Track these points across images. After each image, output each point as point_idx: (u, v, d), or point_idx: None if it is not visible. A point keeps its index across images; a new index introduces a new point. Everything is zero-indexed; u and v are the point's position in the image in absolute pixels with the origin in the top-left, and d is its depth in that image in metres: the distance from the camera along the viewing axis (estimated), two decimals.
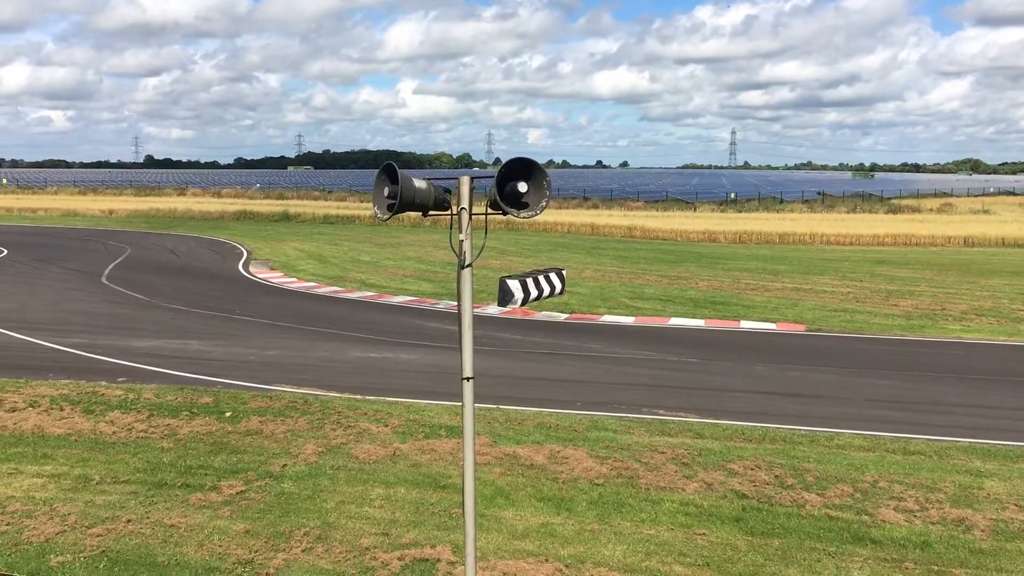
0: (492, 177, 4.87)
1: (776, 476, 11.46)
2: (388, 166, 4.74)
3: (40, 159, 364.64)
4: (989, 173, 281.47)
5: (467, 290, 5.02)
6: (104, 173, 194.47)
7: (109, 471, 11.51)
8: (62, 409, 14.20)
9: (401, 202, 4.66)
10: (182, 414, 14.00)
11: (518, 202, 4.76)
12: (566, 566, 8.87)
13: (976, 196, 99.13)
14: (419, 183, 4.82)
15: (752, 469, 11.70)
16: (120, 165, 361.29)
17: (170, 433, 13.11)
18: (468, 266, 4.97)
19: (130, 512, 10.18)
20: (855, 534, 9.75)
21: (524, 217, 4.76)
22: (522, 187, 4.73)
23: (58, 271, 34.16)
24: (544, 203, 4.75)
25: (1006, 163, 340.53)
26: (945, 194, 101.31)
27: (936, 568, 8.94)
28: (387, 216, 4.78)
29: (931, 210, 72.85)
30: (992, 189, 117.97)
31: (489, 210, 4.99)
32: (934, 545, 9.47)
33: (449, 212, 5.03)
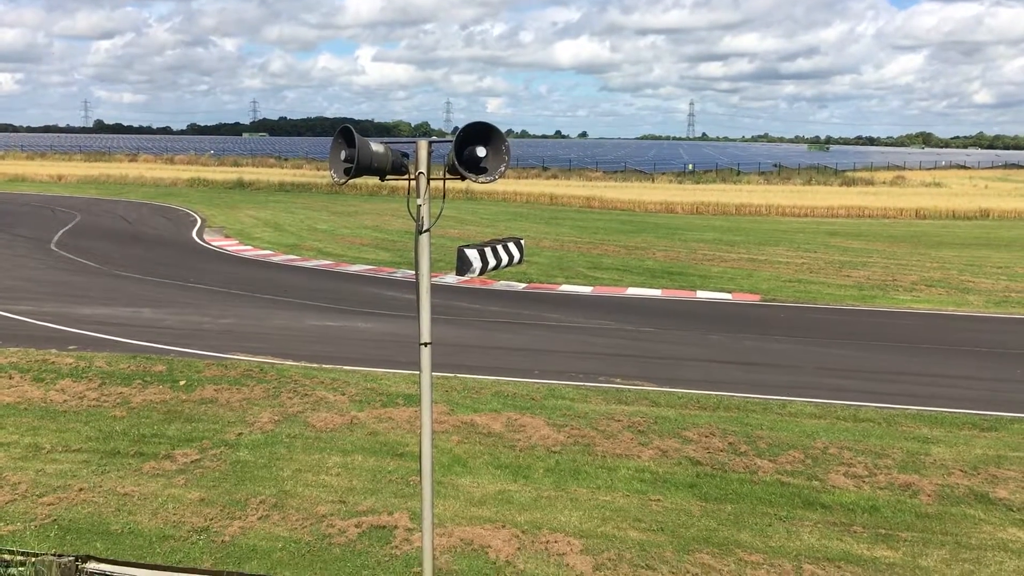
0: (451, 142, 4.82)
1: (730, 443, 11.63)
2: (345, 129, 4.67)
3: None
4: (941, 147, 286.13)
5: (425, 255, 4.99)
6: (52, 138, 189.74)
7: (60, 440, 11.34)
8: (11, 377, 13.93)
9: (358, 166, 4.60)
10: (135, 382, 13.81)
11: (477, 167, 4.72)
12: (523, 532, 8.94)
13: (928, 169, 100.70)
14: (376, 147, 4.75)
15: (706, 436, 11.86)
16: (69, 130, 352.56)
17: (123, 401, 12.93)
18: (426, 231, 4.93)
19: (82, 481, 10.04)
20: (806, 499, 9.94)
21: (483, 182, 4.73)
22: (481, 151, 4.69)
23: (5, 237, 33.37)
24: (503, 168, 4.72)
25: (958, 137, 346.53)
26: (898, 167, 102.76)
27: (883, 532, 9.16)
28: (343, 180, 4.71)
29: (884, 183, 73.90)
30: (944, 162, 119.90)
31: (447, 175, 4.94)
32: (882, 509, 9.69)
33: (407, 177, 4.98)
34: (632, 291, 24.50)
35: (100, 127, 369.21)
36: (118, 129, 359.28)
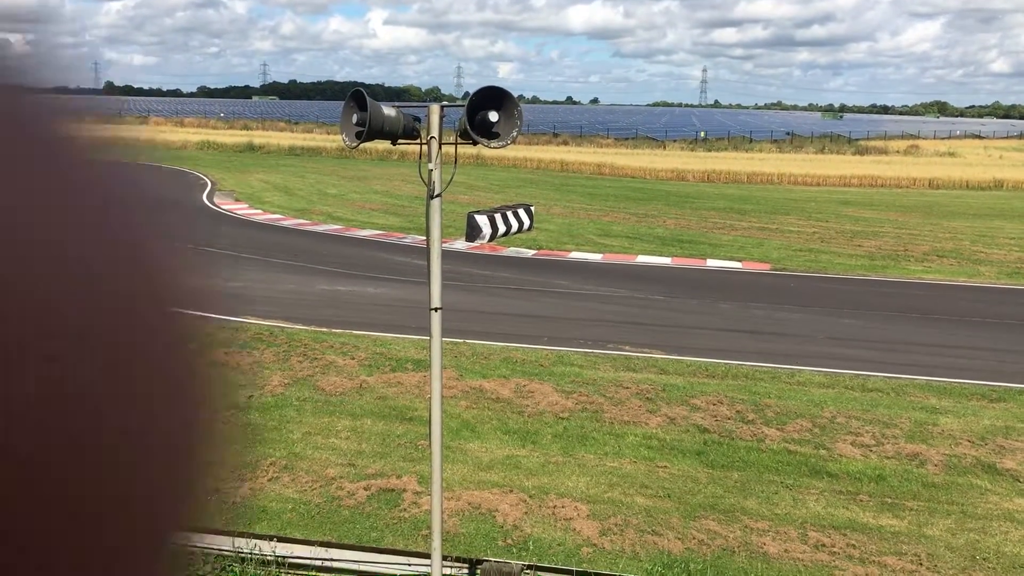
0: (462, 107, 4.79)
1: (737, 411, 11.66)
2: (357, 93, 4.64)
3: None
4: (956, 116, 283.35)
5: (436, 220, 4.98)
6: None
7: None
8: None
9: (370, 129, 4.58)
10: None
11: (489, 132, 4.70)
12: (530, 497, 9.01)
13: (942, 139, 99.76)
14: (388, 111, 4.73)
15: (714, 404, 11.89)
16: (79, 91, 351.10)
17: None
18: (437, 196, 4.92)
19: None
20: (812, 467, 9.98)
21: (495, 147, 4.70)
22: (493, 116, 4.66)
23: None
24: (515, 133, 4.69)
25: (973, 106, 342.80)
26: (912, 136, 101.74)
27: (889, 500, 9.20)
28: (355, 144, 4.70)
29: (898, 152, 73.29)
30: (958, 132, 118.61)
31: (459, 140, 4.92)
32: (888, 479, 9.73)
33: (418, 141, 4.96)
34: (642, 259, 24.46)
35: (110, 89, 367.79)
36: (128, 91, 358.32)
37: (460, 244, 25.96)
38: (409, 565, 7.10)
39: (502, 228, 27.19)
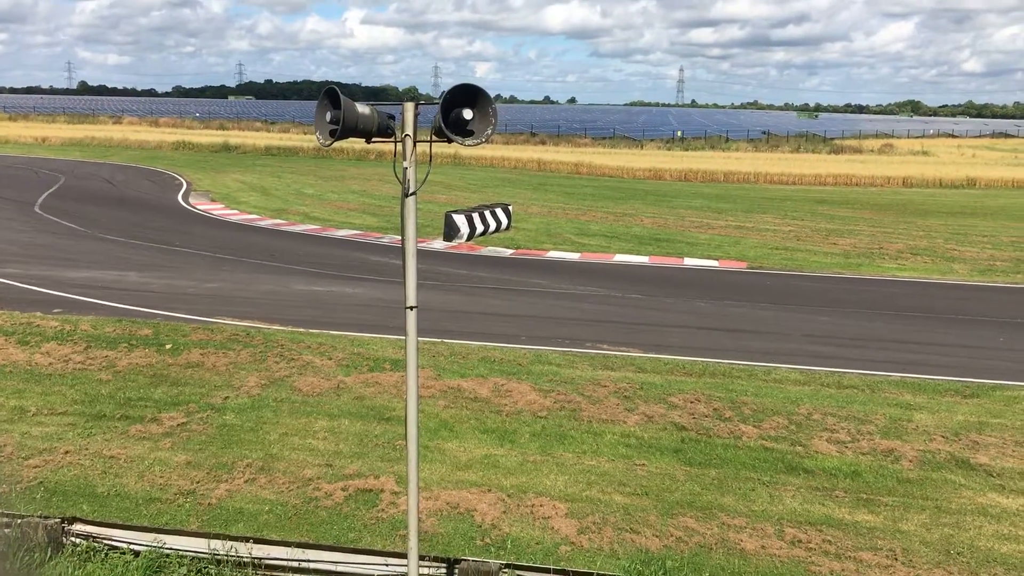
0: (438, 105, 4.77)
1: (714, 409, 11.70)
2: (330, 90, 4.62)
3: None
4: (930, 115, 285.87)
5: (411, 219, 4.96)
6: (36, 99, 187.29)
7: (45, 402, 11.31)
8: None
9: (344, 127, 4.56)
10: (120, 346, 13.76)
11: (463, 129, 4.69)
12: (508, 496, 9.01)
13: (916, 138, 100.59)
14: (362, 108, 4.71)
15: (692, 402, 11.93)
16: (53, 91, 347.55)
17: (108, 365, 12.90)
18: (412, 194, 4.90)
19: (68, 443, 10.04)
20: (789, 464, 10.04)
21: (469, 145, 4.69)
22: (467, 114, 4.65)
23: None
24: (490, 131, 4.68)
25: (946, 105, 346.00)
26: (886, 135, 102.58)
27: (865, 496, 9.27)
28: (329, 142, 4.67)
29: (872, 151, 73.91)
30: (932, 131, 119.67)
31: (434, 137, 4.91)
32: (864, 475, 9.80)
33: (393, 139, 4.94)
34: (619, 258, 24.52)
35: (84, 89, 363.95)
36: (102, 91, 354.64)
37: (438, 244, 25.92)
38: (387, 565, 7.07)
39: (480, 227, 27.18)
